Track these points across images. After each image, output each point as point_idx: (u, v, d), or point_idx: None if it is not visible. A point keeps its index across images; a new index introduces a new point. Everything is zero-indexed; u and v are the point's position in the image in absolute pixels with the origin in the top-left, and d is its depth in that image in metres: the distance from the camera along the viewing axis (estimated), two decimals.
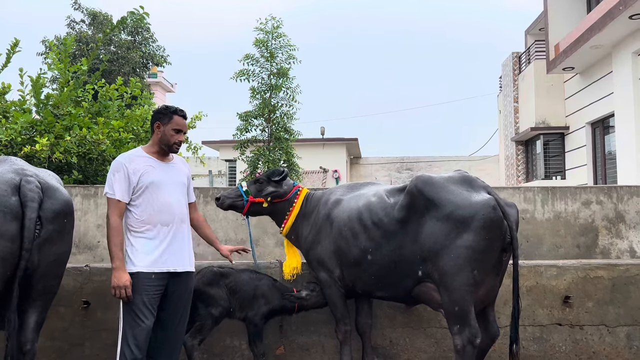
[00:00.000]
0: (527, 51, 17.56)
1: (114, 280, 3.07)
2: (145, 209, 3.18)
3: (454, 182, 3.36)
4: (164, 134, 3.28)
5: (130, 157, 3.26)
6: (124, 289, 3.05)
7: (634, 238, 5.15)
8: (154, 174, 3.23)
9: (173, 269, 3.22)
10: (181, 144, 3.34)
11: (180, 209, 3.31)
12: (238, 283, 3.78)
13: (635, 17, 10.69)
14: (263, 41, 13.75)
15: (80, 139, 5.68)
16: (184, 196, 3.39)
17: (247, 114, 13.83)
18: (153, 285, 3.15)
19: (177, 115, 3.30)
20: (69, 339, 3.97)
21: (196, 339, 3.64)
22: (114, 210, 3.14)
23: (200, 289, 3.66)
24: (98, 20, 19.94)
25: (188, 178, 3.47)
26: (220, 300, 3.70)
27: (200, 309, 3.66)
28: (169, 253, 3.21)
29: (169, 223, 3.22)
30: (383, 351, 4.17)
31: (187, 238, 3.35)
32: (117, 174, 3.17)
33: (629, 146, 11.79)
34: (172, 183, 3.30)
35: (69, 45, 6.70)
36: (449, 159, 23.80)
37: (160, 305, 3.21)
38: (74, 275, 3.93)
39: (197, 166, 10.56)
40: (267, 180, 3.96)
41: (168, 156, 3.38)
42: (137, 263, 3.14)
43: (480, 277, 3.20)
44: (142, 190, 3.18)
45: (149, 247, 3.17)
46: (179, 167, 3.41)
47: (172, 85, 34.43)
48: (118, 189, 3.15)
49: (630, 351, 4.25)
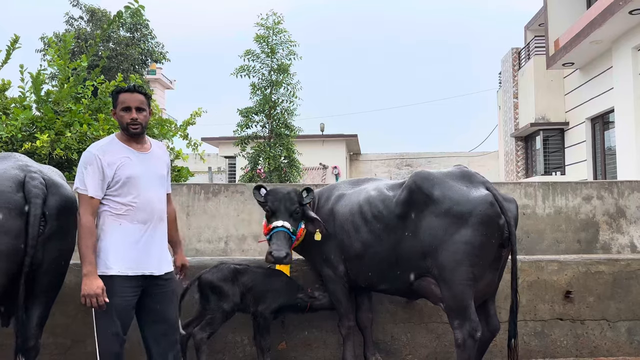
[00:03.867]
0: (527, 47, 17.53)
1: (84, 288, 2.76)
2: (122, 205, 2.90)
3: (452, 178, 3.37)
4: (118, 118, 3.00)
5: (103, 148, 2.93)
6: (95, 297, 2.75)
7: (635, 233, 5.16)
8: (132, 167, 2.92)
9: (149, 272, 2.95)
10: (137, 122, 2.95)
11: (160, 206, 3.03)
12: (254, 280, 3.79)
13: (635, 12, 10.67)
14: (264, 37, 13.73)
15: (80, 135, 5.68)
16: (163, 190, 3.10)
17: (248, 110, 13.82)
18: (129, 288, 2.89)
19: (121, 93, 2.99)
20: (71, 336, 3.98)
21: (205, 332, 3.64)
22: (86, 208, 2.84)
23: (214, 283, 3.67)
24: (97, 16, 19.91)
25: (167, 167, 3.18)
26: (233, 296, 3.70)
27: (212, 303, 3.67)
28: (146, 254, 2.94)
29: (147, 221, 2.94)
30: (384, 346, 4.18)
31: (165, 236, 3.10)
32: (89, 167, 2.86)
33: (629, 141, 11.79)
34: (152, 176, 3.00)
35: (68, 42, 6.69)
36: (449, 155, 23.80)
37: (142, 307, 2.99)
38: (76, 272, 3.91)
39: (197, 162, 10.56)
40: (300, 205, 3.63)
41: (143, 143, 3.05)
42: (111, 265, 2.86)
43: (479, 272, 3.23)
44: (119, 185, 2.89)
45: (125, 247, 2.89)
46: (157, 156, 3.10)
47: (172, 82, 34.39)
48: (91, 184, 2.85)
49: (631, 346, 4.27)
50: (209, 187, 5.26)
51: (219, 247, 5.17)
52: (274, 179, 13.07)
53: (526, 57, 17.42)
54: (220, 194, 5.19)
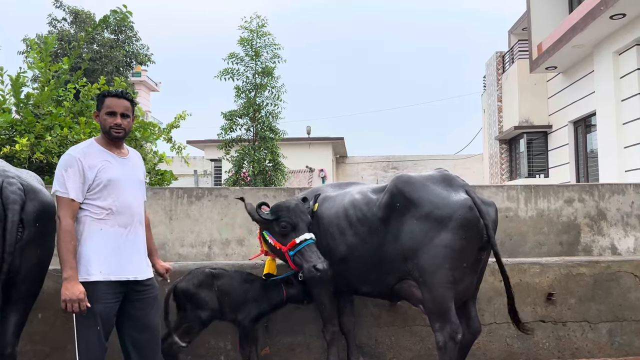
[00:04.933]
0: (511, 51, 17.71)
1: (65, 293, 2.70)
2: (102, 209, 2.87)
3: (433, 182, 3.40)
4: (100, 121, 3.00)
5: (84, 151, 2.92)
6: (77, 302, 2.71)
7: (615, 235, 5.22)
8: (112, 170, 2.92)
9: (133, 277, 2.93)
10: (121, 127, 2.97)
11: (140, 209, 3.04)
12: (230, 285, 3.71)
13: (615, 17, 10.84)
14: (248, 40, 13.68)
15: (61, 139, 5.61)
16: (142, 195, 3.11)
17: (232, 113, 13.74)
18: (111, 294, 2.86)
19: (107, 97, 2.99)
20: (50, 343, 3.92)
21: (184, 341, 3.56)
22: (66, 211, 2.80)
23: (190, 290, 3.59)
24: (80, 18, 19.69)
25: (144, 174, 3.21)
26: (210, 303, 3.61)
27: (189, 311, 3.59)
28: (128, 259, 2.92)
29: (127, 225, 2.93)
30: (369, 350, 4.18)
31: (145, 241, 3.09)
32: (70, 169, 2.83)
33: (610, 144, 11.96)
34: (131, 180, 3.01)
35: (49, 44, 6.61)
36: (435, 158, 23.92)
37: (123, 314, 2.95)
38: (55, 277, 3.87)
39: (183, 166, 10.49)
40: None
41: (122, 149, 3.07)
42: (92, 271, 2.82)
43: (459, 275, 3.26)
44: (99, 189, 2.86)
45: (107, 252, 2.86)
46: (135, 162, 3.13)
47: (157, 84, 34.15)
48: (72, 186, 2.81)
49: (612, 347, 4.31)
50: (192, 190, 5.21)
51: (202, 251, 5.12)
52: (259, 183, 13.02)
53: (510, 61, 17.60)
54: (203, 197, 5.15)
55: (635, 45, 11.13)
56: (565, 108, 14.72)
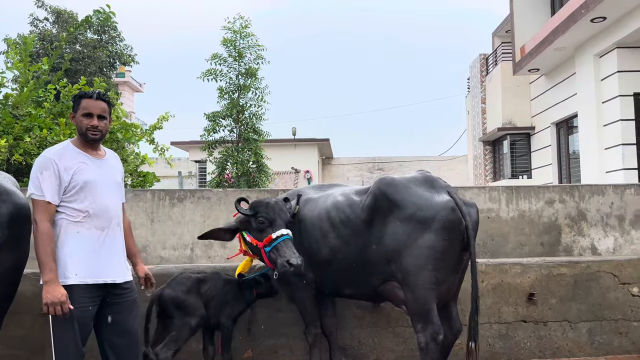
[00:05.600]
0: (494, 53, 17.87)
1: (46, 296, 2.66)
2: (78, 212, 2.82)
3: (416, 183, 3.42)
4: (77, 122, 2.95)
5: (59, 153, 2.87)
6: (59, 305, 2.66)
7: (595, 235, 5.28)
8: (89, 172, 2.88)
9: (111, 280, 2.88)
10: (97, 129, 2.93)
11: (117, 212, 3.00)
12: (214, 289, 3.65)
13: (596, 20, 10.99)
14: (231, 40, 13.61)
15: (40, 140, 5.53)
16: (119, 197, 3.07)
17: (215, 114, 13.64)
18: (88, 297, 2.81)
19: (84, 98, 2.95)
20: (27, 347, 3.85)
21: (170, 350, 3.40)
22: (43, 214, 2.75)
23: (179, 297, 3.49)
24: (62, 18, 19.47)
25: (122, 176, 3.15)
26: (198, 309, 3.53)
27: (177, 319, 3.46)
28: (105, 262, 2.88)
29: (104, 228, 2.88)
30: (352, 351, 4.17)
31: (123, 244, 3.05)
32: (45, 171, 2.78)
33: (591, 146, 12.11)
34: (108, 182, 2.97)
35: (29, 44, 6.51)
36: (420, 159, 24.05)
37: (101, 318, 2.90)
38: (32, 281, 3.80)
39: (167, 167, 10.41)
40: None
41: (98, 150, 3.02)
42: (68, 275, 2.77)
43: (442, 276, 3.27)
44: (75, 191, 2.82)
45: (83, 255, 2.81)
46: (112, 164, 3.08)
47: (141, 85, 33.92)
48: (48, 189, 2.76)
49: (592, 346, 4.36)
50: (174, 192, 5.16)
51: (184, 254, 5.08)
52: (242, 184, 12.95)
53: (493, 63, 17.75)
54: (185, 199, 5.11)
55: (615, 48, 11.30)
56: (548, 110, 14.89)
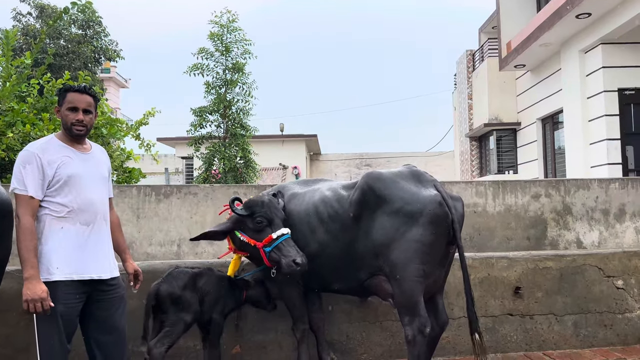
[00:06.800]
0: (481, 49, 17.96)
1: (26, 293, 2.61)
2: (63, 207, 2.78)
3: (403, 178, 3.43)
4: (62, 116, 2.91)
5: (43, 147, 2.82)
6: (40, 302, 2.62)
7: (580, 229, 5.33)
8: (73, 166, 2.83)
9: (97, 276, 2.84)
10: (82, 123, 2.89)
11: (103, 207, 2.95)
12: (209, 284, 3.63)
13: (581, 16, 11.09)
14: (218, 35, 13.49)
15: (23, 135, 5.44)
16: (106, 191, 3.02)
17: (202, 109, 13.51)
18: (73, 294, 2.76)
19: (69, 92, 2.90)
20: (12, 345, 3.80)
21: (164, 345, 3.36)
22: (25, 209, 2.70)
23: (176, 293, 3.46)
24: (46, 13, 19.19)
25: (108, 170, 3.09)
26: (194, 304, 3.50)
27: (171, 314, 3.43)
28: (91, 258, 2.83)
29: (90, 223, 2.84)
30: (340, 346, 4.17)
31: (109, 239, 3.01)
32: (28, 166, 2.74)
33: (576, 141, 12.24)
34: (93, 176, 2.91)
35: (11, 38, 6.41)
36: (407, 155, 24.10)
37: (87, 315, 2.87)
38: (17, 278, 3.75)
39: (153, 163, 10.32)
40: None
41: (84, 144, 2.96)
42: (53, 271, 2.73)
43: (429, 269, 3.29)
44: (60, 185, 2.78)
45: (68, 251, 2.77)
46: (98, 158, 3.02)
47: (127, 81, 33.63)
48: (31, 183, 2.72)
49: (577, 338, 4.41)
50: (161, 188, 5.11)
51: (171, 250, 5.04)
52: (230, 180, 12.87)
53: (480, 59, 17.85)
54: (172, 195, 5.07)
55: (600, 44, 11.41)
56: (534, 105, 15.01)
